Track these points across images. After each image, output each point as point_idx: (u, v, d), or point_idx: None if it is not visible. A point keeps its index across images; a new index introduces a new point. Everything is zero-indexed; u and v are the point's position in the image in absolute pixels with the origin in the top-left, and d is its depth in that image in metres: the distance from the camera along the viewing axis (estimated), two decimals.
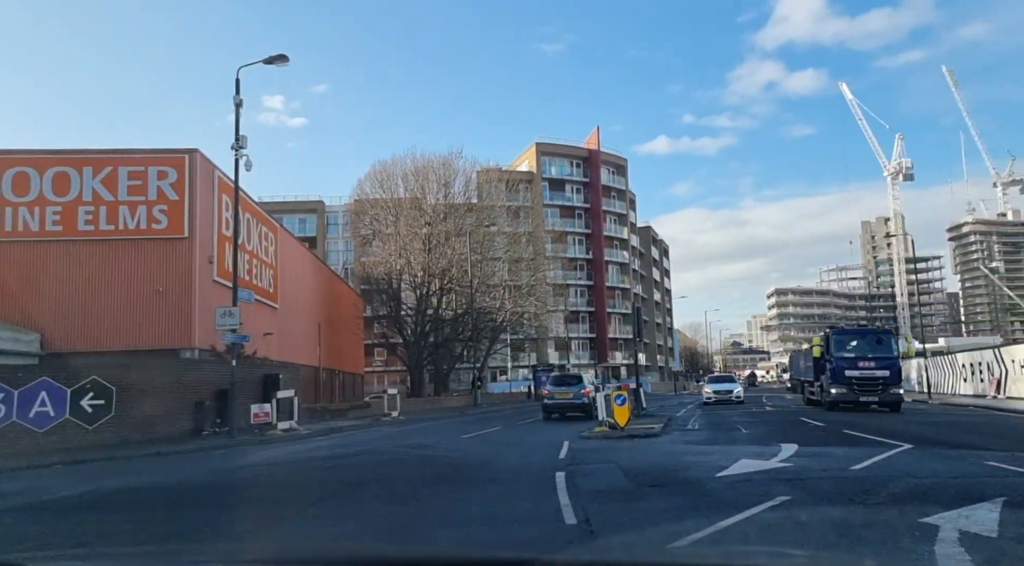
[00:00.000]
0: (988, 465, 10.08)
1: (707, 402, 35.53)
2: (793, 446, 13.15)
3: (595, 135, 78.36)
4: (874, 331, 26.90)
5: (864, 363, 24.87)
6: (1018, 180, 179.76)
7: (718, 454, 12.43)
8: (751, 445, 13.88)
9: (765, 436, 15.96)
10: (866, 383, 24.76)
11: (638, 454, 13.41)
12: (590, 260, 77.24)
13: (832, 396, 25.25)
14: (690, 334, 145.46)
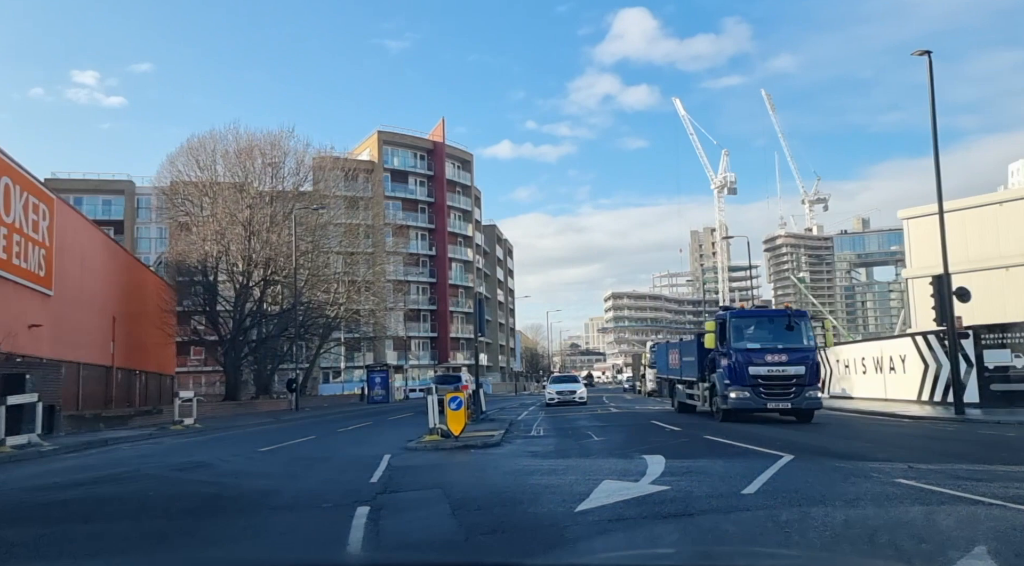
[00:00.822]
0: (902, 484, 8.13)
1: (550, 403, 33.66)
2: (659, 459, 10.85)
3: (440, 127, 75.53)
4: (784, 313, 19.57)
5: (773, 357, 18.26)
6: (822, 198, 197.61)
7: (573, 472, 9.85)
8: (610, 458, 11.46)
9: (622, 445, 13.69)
10: (776, 384, 18.23)
11: (473, 474, 10.58)
12: (433, 256, 74.27)
13: (731, 402, 18.55)
14: (531, 335, 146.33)
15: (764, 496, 7.49)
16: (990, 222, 32.28)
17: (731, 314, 19.65)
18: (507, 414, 27.48)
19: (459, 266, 78.05)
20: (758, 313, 21.51)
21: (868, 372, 30.59)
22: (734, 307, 20.79)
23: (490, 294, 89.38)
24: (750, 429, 16.55)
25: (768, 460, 10.35)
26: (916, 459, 10.43)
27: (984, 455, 11.04)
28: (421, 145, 74.18)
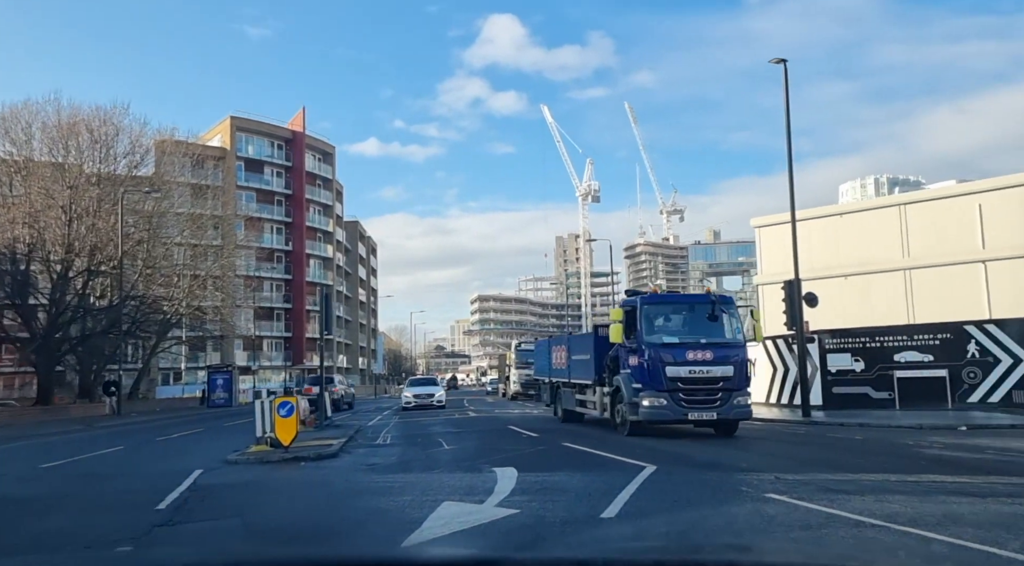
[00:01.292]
0: (776, 501, 7.27)
1: (406, 407, 31.96)
2: (511, 471, 9.59)
3: (300, 116, 71.60)
4: (706, 299, 15.94)
5: (696, 354, 14.60)
6: (679, 210, 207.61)
7: (411, 491, 8.38)
8: (456, 472, 10.08)
9: (473, 455, 12.35)
10: (699, 388, 14.53)
11: (291, 495, 8.89)
12: (289, 252, 70.20)
13: (643, 412, 14.55)
14: (395, 337, 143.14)
15: (627, 521, 6.36)
16: (831, 233, 33.88)
17: (642, 300, 15.43)
18: (358, 419, 25.57)
19: (318, 263, 74.33)
20: (675, 298, 18.19)
21: None
22: (644, 291, 16.51)
23: (351, 293, 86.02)
24: (609, 435, 15.72)
25: (629, 472, 9.33)
26: (781, 468, 9.78)
27: (844, 462, 10.61)
28: (279, 134, 69.99)
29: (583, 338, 20.24)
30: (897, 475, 9.01)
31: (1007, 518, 6.36)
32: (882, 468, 9.75)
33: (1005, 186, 30.15)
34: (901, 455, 11.41)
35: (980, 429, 16.91)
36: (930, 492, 7.71)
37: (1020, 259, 28.54)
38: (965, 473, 9.19)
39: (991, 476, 8.97)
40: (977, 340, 22.62)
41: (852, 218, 34.12)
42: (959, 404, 22.25)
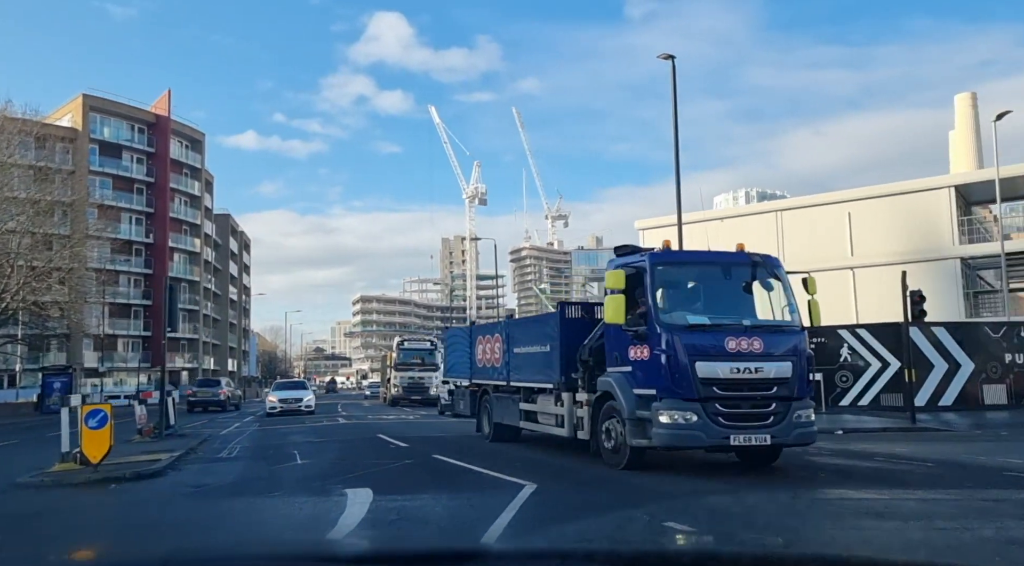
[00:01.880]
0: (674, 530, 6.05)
1: (271, 413, 29.41)
2: (366, 495, 7.97)
3: (165, 99, 66.25)
4: (744, 259, 10.70)
5: (740, 342, 9.66)
6: (564, 215, 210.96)
7: (230, 524, 6.64)
8: (300, 495, 8.35)
9: (327, 471, 10.62)
10: (745, 395, 9.65)
11: (72, 534, 6.88)
12: (150, 244, 64.71)
13: (660, 433, 9.44)
14: (271, 338, 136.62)
15: None
16: (711, 238, 34.19)
17: (653, 259, 10.24)
18: (211, 427, 22.98)
19: (183, 257, 69.01)
20: (703, 257, 11.56)
21: None
22: (655, 249, 10.87)
23: (221, 290, 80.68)
24: (499, 448, 14.34)
25: (506, 494, 7.93)
26: (667, 490, 8.69)
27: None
28: (140, 117, 64.34)
29: (537, 322, 15.11)
30: (798, 491, 8.11)
31: (938, 542, 5.42)
32: (783, 481, 8.87)
33: (872, 196, 31.32)
34: (797, 465, 10.66)
35: (854, 433, 16.85)
36: (842, 515, 6.77)
37: (885, 266, 29.58)
38: (868, 487, 8.41)
39: (896, 490, 8.22)
40: (849, 344, 22.96)
41: (732, 223, 34.60)
42: (832, 408, 22.46)
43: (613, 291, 10.14)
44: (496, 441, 14.45)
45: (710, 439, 9.29)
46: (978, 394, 22.28)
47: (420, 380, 35.73)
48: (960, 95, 78.46)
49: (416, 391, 35.45)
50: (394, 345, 40.32)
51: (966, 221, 30.75)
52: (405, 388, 35.86)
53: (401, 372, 36.25)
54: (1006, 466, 10.32)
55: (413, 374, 35.82)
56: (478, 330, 17.18)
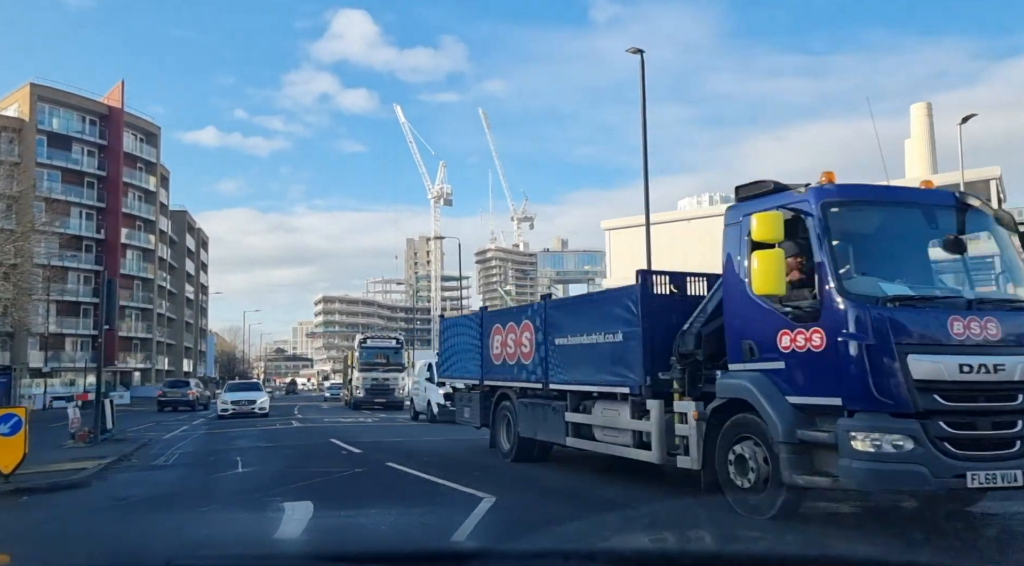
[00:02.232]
0: None
1: (222, 415, 28.19)
2: (305, 508, 7.14)
3: (119, 90, 63.95)
4: (950, 201, 6.99)
5: (969, 325, 6.24)
6: (529, 217, 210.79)
7: (144, 538, 5.70)
8: (233, 509, 7.49)
9: (269, 481, 9.74)
10: (985, 408, 6.25)
11: None
12: (102, 241, 62.45)
13: (864, 467, 5.98)
14: (230, 338, 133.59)
15: None
16: (678, 240, 33.83)
17: (821, 195, 6.77)
18: (156, 430, 21.79)
19: (137, 254, 66.72)
20: (894, 195, 7.83)
21: None
22: (817, 184, 6.96)
23: (176, 289, 78.34)
24: (442, 447, 13.55)
25: (461, 509, 7.16)
26: (649, 496, 8.01)
27: None
28: (92, 108, 61.97)
29: (598, 302, 10.93)
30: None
31: None
32: None
33: None
34: None
35: None
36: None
37: None
38: None
39: None
40: None
41: (699, 224, 34.28)
42: None
43: (763, 245, 6.60)
44: (520, 461, 11.21)
45: (937, 478, 5.86)
46: None
47: (385, 381, 33.45)
48: (916, 105, 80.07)
49: (380, 393, 33.26)
50: (355, 343, 37.47)
51: None
52: (368, 390, 33.30)
53: (364, 372, 33.56)
54: None
55: (377, 375, 33.60)
56: (493, 317, 13.24)
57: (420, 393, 25.25)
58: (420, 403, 25.11)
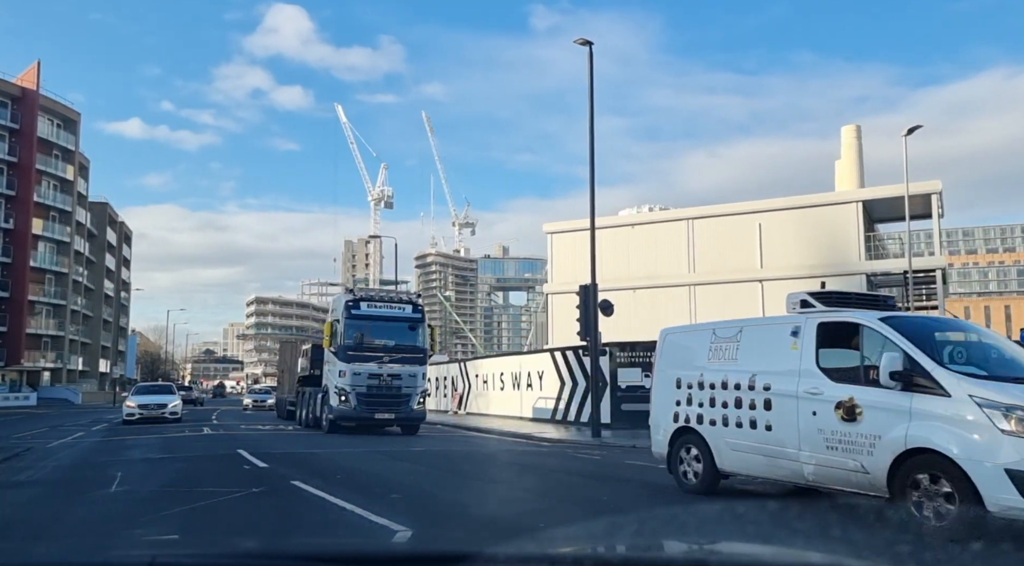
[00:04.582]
0: None
1: (128, 420, 25.82)
2: (163, 548, 5.58)
3: (34, 72, 59.93)
4: None
5: None
6: (471, 223, 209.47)
7: None
8: (61, 553, 5.83)
9: (141, 506, 8.07)
10: None
11: None
12: (10, 230, 58.26)
13: None
14: (155, 338, 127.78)
15: None
16: (622, 245, 33.02)
17: None
18: (45, 437, 19.50)
19: (50, 247, 62.51)
20: None
21: (507, 388, 28.69)
22: None
23: (95, 285, 73.95)
24: (370, 464, 12.02)
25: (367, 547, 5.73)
26: (587, 533, 6.70)
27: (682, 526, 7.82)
28: (4, 89, 57.76)
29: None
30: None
31: None
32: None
33: (783, 208, 30.86)
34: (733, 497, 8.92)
35: None
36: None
37: (794, 280, 29.05)
38: None
39: None
40: None
41: (642, 230, 33.52)
42: None
43: None
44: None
45: None
46: None
47: (393, 382, 19.44)
48: (846, 127, 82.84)
49: (387, 403, 19.30)
50: (335, 308, 21.03)
51: (872, 237, 30.74)
52: (364, 398, 19.07)
53: (354, 363, 19.12)
54: None
55: (380, 370, 19.29)
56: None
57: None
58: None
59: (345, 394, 19.00)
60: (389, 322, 20.02)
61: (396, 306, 20.55)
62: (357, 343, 19.28)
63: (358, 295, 20.42)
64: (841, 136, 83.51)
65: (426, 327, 20.55)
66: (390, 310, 20.24)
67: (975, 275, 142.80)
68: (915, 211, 29.81)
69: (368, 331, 19.51)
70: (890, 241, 34.72)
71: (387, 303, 20.57)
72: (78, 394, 61.89)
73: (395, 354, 19.57)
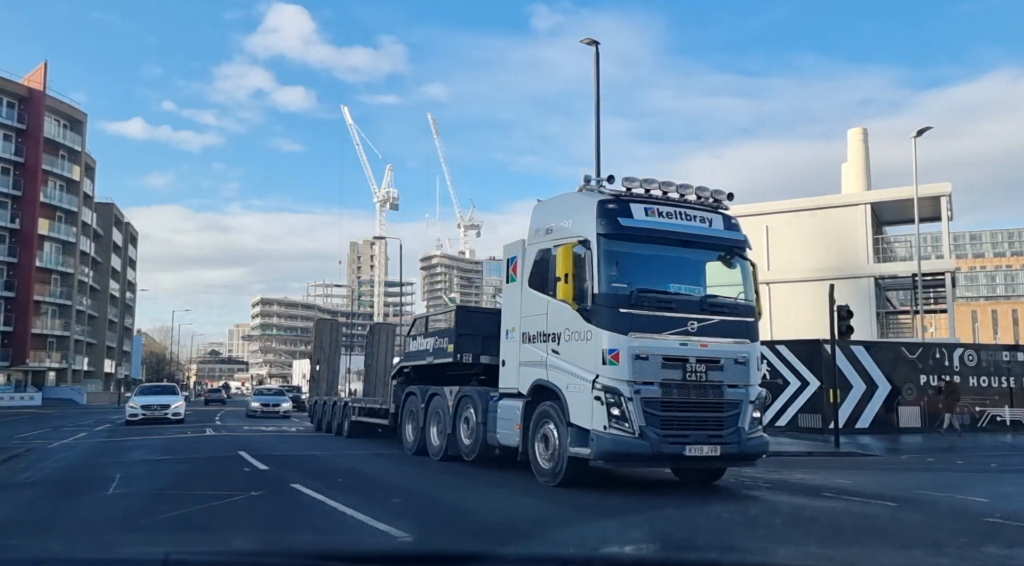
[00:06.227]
0: None
1: (132, 420, 25.80)
2: (156, 557, 5.43)
3: (41, 73, 60.08)
4: None
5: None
6: (476, 225, 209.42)
7: None
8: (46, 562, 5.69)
9: (138, 509, 7.94)
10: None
11: None
12: (16, 231, 58.38)
13: None
14: (160, 338, 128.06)
15: None
16: None
17: None
18: (47, 437, 19.44)
19: (56, 247, 62.59)
20: None
21: None
22: None
23: (100, 285, 74.08)
24: (376, 467, 11.87)
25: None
26: None
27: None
28: (10, 90, 57.83)
29: None
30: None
31: None
32: (725, 530, 6.86)
33: (790, 210, 30.64)
34: (740, 504, 8.73)
35: (778, 457, 15.34)
36: None
37: (802, 282, 28.84)
38: (843, 542, 6.52)
39: (881, 549, 6.35)
40: (769, 361, 21.74)
41: None
42: None
43: None
44: None
45: None
46: (894, 416, 21.53)
47: (710, 377, 9.59)
48: (853, 130, 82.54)
49: (703, 421, 9.40)
50: (558, 222, 10.42)
51: (880, 240, 30.50)
52: (662, 408, 9.17)
53: (636, 334, 9.25)
54: (975, 506, 8.77)
55: (684, 352, 9.45)
56: None
57: None
58: None
59: (619, 402, 8.87)
60: (687, 248, 9.97)
61: (694, 213, 10.07)
62: (642, 294, 9.32)
63: (625, 187, 9.81)
64: (848, 139, 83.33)
65: (748, 263, 10.49)
66: (687, 225, 9.93)
67: (982, 279, 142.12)
68: (923, 214, 29.56)
69: (653, 268, 9.94)
70: (898, 244, 34.43)
71: (678, 208, 9.99)
72: (83, 394, 61.98)
73: (705, 318, 9.59)
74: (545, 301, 9.92)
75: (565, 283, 9.14)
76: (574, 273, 9.14)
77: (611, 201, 9.55)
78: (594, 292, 9.15)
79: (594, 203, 9.46)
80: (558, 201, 10.68)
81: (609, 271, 9.27)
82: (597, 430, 8.79)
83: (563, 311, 9.46)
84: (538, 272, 10.27)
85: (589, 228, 9.37)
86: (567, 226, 9.90)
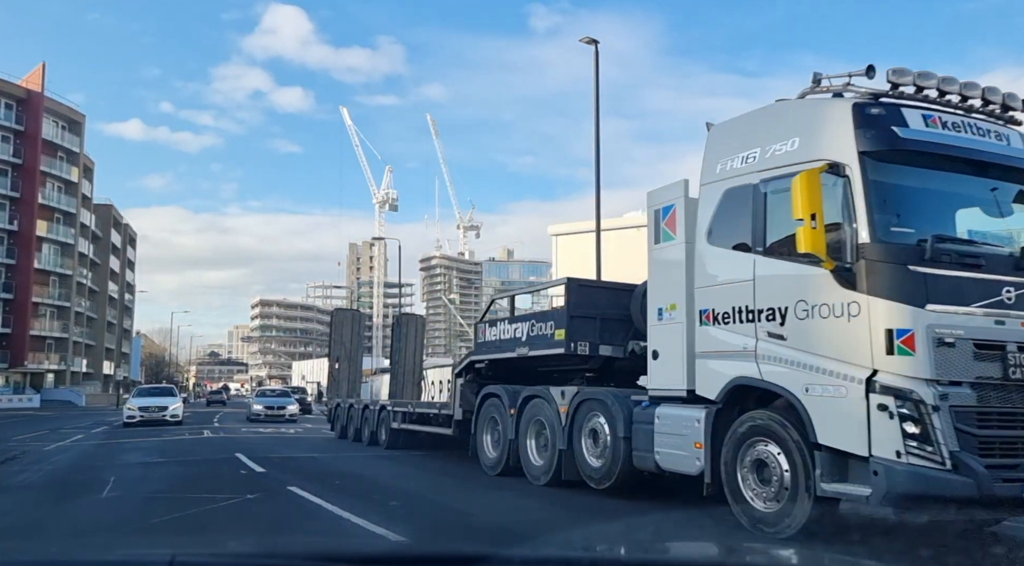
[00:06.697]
0: None
1: (129, 422, 25.69)
2: None
3: (39, 74, 59.94)
4: None
5: None
6: (476, 226, 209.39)
7: None
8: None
9: (131, 513, 7.82)
10: None
11: None
12: (14, 232, 58.23)
13: None
14: (159, 340, 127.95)
15: None
16: (629, 247, 32.70)
17: None
18: (43, 440, 19.28)
19: (54, 248, 62.41)
20: None
21: None
22: None
23: (99, 286, 73.88)
24: (371, 470, 11.74)
25: None
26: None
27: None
28: (8, 91, 57.72)
29: None
30: None
31: None
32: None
33: None
34: None
35: None
36: None
37: None
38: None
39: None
40: None
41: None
42: None
43: None
44: None
45: None
46: None
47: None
48: None
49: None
50: (803, 137, 6.70)
51: None
52: (979, 425, 5.83)
53: (938, 304, 5.89)
54: None
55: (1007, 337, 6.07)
56: None
57: None
58: None
59: (917, 413, 5.65)
60: (983, 177, 6.68)
61: (986, 127, 6.71)
62: (942, 244, 6.11)
63: (892, 82, 6.52)
64: None
65: None
66: (982, 142, 6.56)
67: None
68: None
69: (944, 206, 6.87)
70: None
71: (964, 117, 6.70)
72: (82, 396, 61.82)
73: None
74: (750, 261, 6.84)
75: (812, 229, 5.90)
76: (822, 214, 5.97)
77: (873, 105, 6.40)
78: (860, 242, 5.99)
79: (847, 108, 6.39)
80: (763, 115, 7.39)
81: (884, 209, 6.13)
82: (885, 458, 5.63)
83: (795, 273, 6.45)
84: (729, 220, 7.16)
85: (842, 145, 6.24)
86: (789, 149, 6.67)
